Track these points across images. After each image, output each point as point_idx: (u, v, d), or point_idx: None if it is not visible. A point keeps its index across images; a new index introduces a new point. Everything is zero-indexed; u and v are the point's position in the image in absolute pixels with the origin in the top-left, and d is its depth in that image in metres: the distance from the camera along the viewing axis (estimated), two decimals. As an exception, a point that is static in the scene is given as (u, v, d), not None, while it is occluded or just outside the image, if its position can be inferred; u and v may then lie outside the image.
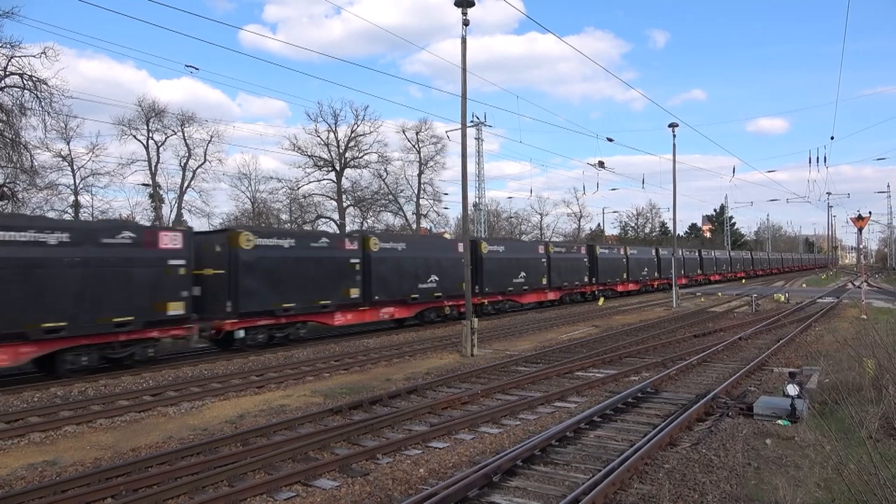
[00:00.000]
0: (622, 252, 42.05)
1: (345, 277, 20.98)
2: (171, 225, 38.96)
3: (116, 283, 15.04)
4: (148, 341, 16.08)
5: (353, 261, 21.35)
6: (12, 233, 13.46)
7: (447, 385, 13.56)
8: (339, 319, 21.11)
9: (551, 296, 33.41)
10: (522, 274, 30.14)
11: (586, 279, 36.49)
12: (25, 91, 28.93)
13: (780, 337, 19.91)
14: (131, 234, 15.59)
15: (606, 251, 39.80)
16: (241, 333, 18.01)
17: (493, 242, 29.36)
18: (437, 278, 24.71)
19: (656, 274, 47.14)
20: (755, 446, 8.72)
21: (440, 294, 25.06)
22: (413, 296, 23.85)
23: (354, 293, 21.31)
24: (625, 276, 41.31)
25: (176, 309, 16.24)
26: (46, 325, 13.83)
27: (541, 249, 32.62)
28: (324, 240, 20.94)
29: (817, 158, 77.89)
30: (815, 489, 6.67)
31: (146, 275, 15.63)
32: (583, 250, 37.06)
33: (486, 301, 27.82)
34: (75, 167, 41.89)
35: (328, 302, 20.40)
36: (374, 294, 22.03)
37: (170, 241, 16.28)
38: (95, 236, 14.93)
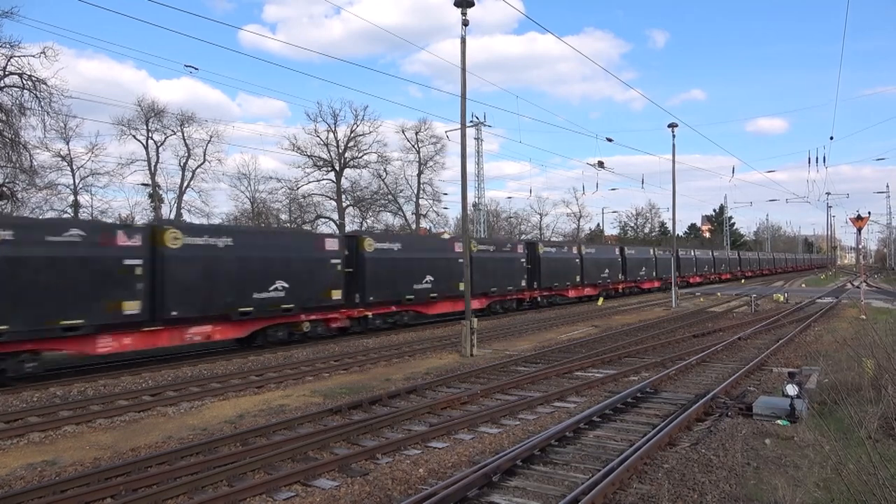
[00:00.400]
0: (575, 251, 37.05)
1: (111, 286, 14.93)
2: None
3: None
4: None
5: (128, 262, 15.27)
6: None
7: (447, 385, 13.56)
8: (106, 345, 15.15)
9: (474, 304, 26.52)
10: (429, 278, 24.34)
11: (524, 283, 31.00)
12: (25, 91, 29.13)
13: (780, 337, 19.94)
14: None
15: (553, 250, 35.20)
16: None
17: (384, 238, 24.39)
18: (286, 285, 18.85)
19: (621, 276, 41.45)
20: (754, 446, 8.73)
21: (292, 306, 19.12)
22: (244, 309, 17.81)
23: (131, 308, 15.24)
24: (578, 279, 36.08)
25: None
26: None
27: (458, 248, 25.49)
28: (74, 232, 14.56)
29: (816, 158, 77.73)
30: (814, 489, 6.67)
31: None
32: (520, 249, 31.50)
33: (369, 313, 22.24)
34: (75, 167, 42.10)
35: (80, 322, 14.39)
36: (171, 308, 16.08)
37: None
38: None
